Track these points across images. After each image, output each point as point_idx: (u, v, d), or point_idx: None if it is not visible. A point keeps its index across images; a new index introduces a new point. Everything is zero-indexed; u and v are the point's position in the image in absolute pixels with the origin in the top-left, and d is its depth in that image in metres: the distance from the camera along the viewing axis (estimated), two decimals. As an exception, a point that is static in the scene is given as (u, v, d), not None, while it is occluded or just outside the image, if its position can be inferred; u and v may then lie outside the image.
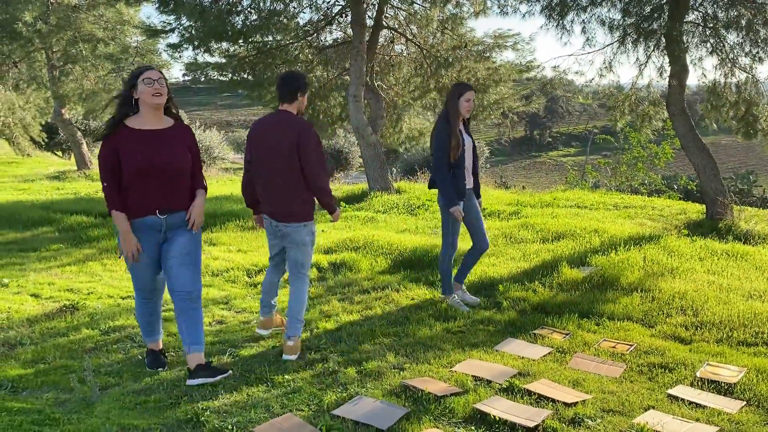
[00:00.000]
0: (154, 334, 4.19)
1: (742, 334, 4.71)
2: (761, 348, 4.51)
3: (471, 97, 5.19)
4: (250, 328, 5.00)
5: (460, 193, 5.22)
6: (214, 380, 3.82)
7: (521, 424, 3.33)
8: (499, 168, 60.74)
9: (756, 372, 4.03)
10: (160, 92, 3.71)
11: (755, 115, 8.67)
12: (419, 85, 13.28)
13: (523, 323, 5.08)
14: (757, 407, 3.64)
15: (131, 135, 3.72)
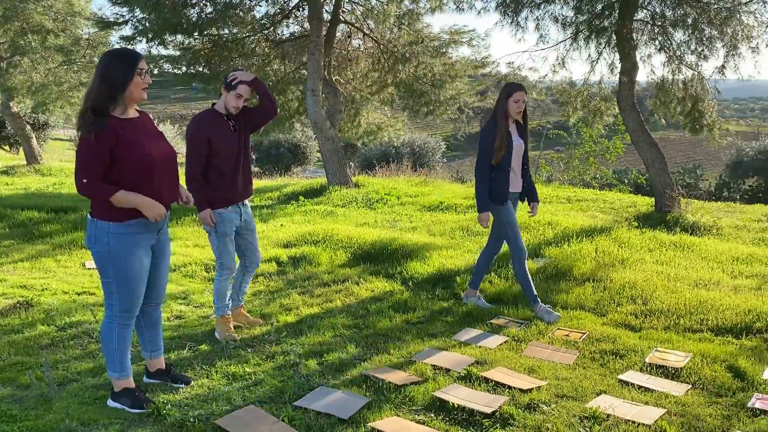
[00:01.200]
0: (128, 362, 3.55)
1: (689, 321, 4.91)
2: (706, 334, 4.71)
3: (521, 98, 4.92)
4: (209, 322, 4.99)
5: (500, 197, 5.04)
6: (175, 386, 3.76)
7: (479, 411, 3.42)
8: (456, 163, 61.12)
9: (701, 357, 4.21)
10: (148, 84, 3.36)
11: (701, 111, 8.99)
12: (377, 79, 13.33)
13: (481, 313, 5.19)
14: (701, 390, 3.81)
15: (128, 124, 3.27)
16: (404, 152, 25.81)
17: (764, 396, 3.66)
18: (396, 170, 15.31)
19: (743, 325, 4.77)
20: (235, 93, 4.37)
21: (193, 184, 4.37)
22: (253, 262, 4.82)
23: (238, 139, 4.46)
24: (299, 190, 12.12)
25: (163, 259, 3.58)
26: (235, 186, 4.49)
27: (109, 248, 3.27)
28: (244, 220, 4.64)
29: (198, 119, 4.43)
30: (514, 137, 5.04)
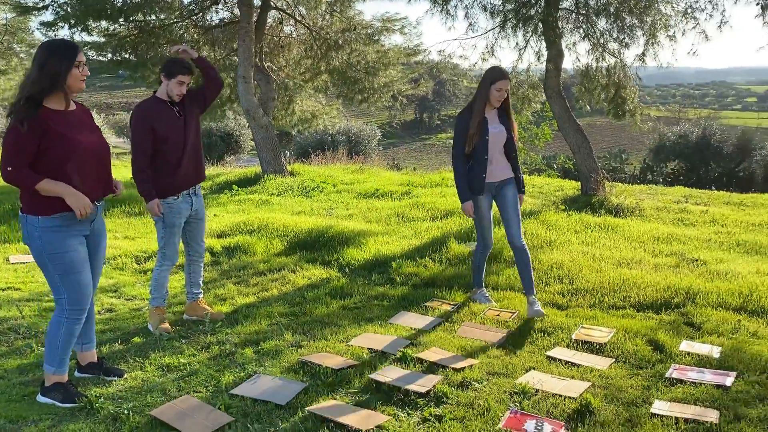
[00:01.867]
0: (68, 359, 3.50)
1: (612, 299, 5.15)
2: (629, 311, 4.95)
3: (503, 87, 4.64)
4: (142, 315, 4.91)
5: (474, 188, 4.83)
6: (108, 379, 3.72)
7: (414, 390, 3.51)
8: (391, 150, 61.58)
9: (624, 332, 4.43)
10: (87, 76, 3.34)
11: (623, 97, 9.36)
12: (310, 67, 13.26)
13: (415, 297, 5.29)
14: (624, 363, 4.01)
15: (61, 117, 3.24)
16: (340, 140, 25.79)
17: (681, 366, 3.89)
18: (332, 158, 15.29)
19: (663, 301, 5.03)
20: (176, 80, 4.29)
21: (139, 175, 4.31)
22: (196, 251, 4.78)
23: (185, 125, 4.40)
24: (233, 180, 11.96)
25: (98, 250, 3.55)
26: (185, 172, 4.44)
27: (42, 243, 3.25)
28: (195, 210, 4.60)
29: (140, 108, 4.35)
30: (492, 125, 4.76)
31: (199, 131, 4.55)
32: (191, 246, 4.75)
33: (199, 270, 4.84)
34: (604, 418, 3.25)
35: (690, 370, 3.82)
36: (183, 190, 4.47)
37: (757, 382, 3.64)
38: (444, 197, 9.33)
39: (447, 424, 3.20)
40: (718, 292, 5.07)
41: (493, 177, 4.86)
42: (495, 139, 4.78)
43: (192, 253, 4.78)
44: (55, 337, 3.38)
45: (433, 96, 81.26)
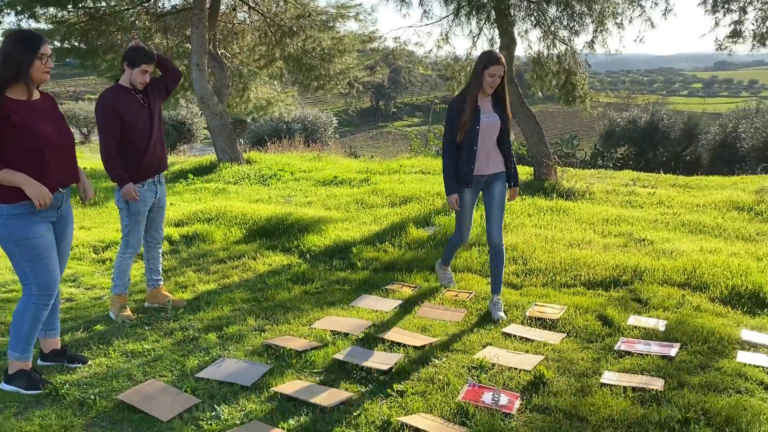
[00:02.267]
0: (32, 346, 3.51)
1: (564, 278, 5.35)
2: (579, 288, 5.16)
3: (497, 72, 4.30)
4: (102, 303, 4.90)
5: (460, 179, 4.51)
6: (72, 366, 3.73)
7: (376, 368, 3.63)
8: (348, 138, 61.51)
9: (575, 308, 4.63)
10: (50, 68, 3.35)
11: (573, 84, 9.61)
12: (264, 53, 13.18)
13: (376, 280, 5.40)
14: (575, 337, 4.21)
15: (24, 107, 3.26)
16: (296, 128, 25.64)
17: (629, 339, 4.10)
18: (288, 146, 15.25)
19: (611, 278, 5.25)
20: (139, 69, 4.30)
21: (110, 161, 4.32)
22: (155, 239, 4.80)
23: (150, 113, 4.42)
24: (188, 168, 11.86)
25: (64, 235, 3.57)
26: (150, 160, 4.46)
27: (9, 230, 3.27)
28: (158, 198, 4.63)
29: (106, 96, 4.32)
30: (484, 114, 4.41)
31: (161, 120, 4.58)
32: (150, 233, 4.76)
33: (158, 257, 4.87)
34: (556, 388, 3.43)
35: (637, 343, 4.03)
36: (148, 178, 4.49)
37: (699, 352, 3.87)
38: (402, 184, 9.46)
39: (409, 399, 3.32)
40: (664, 270, 5.32)
41: (482, 170, 4.52)
42: (486, 130, 4.43)
43: (150, 241, 4.80)
44: (21, 321, 3.39)
45: (389, 83, 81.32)
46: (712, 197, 8.52)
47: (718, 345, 3.96)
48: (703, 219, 7.33)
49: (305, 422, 3.08)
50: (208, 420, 3.11)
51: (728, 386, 3.42)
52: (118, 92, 4.35)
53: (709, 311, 4.57)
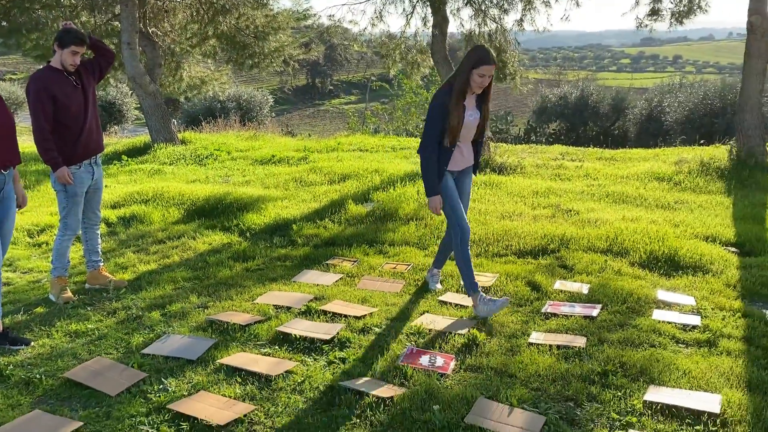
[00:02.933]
0: None
1: (496, 248, 5.61)
2: (510, 257, 5.43)
3: (487, 74, 3.96)
4: (41, 286, 4.88)
5: (439, 176, 4.18)
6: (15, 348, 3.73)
7: (319, 338, 3.78)
8: (285, 117, 60.83)
9: (506, 276, 4.89)
10: None
11: (504, 61, 9.89)
12: (197, 32, 12.96)
13: (317, 256, 5.54)
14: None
15: None
16: (230, 107, 25.25)
17: (555, 302, 4.38)
18: (224, 125, 15.08)
19: (540, 247, 5.55)
20: (69, 50, 4.25)
21: (44, 143, 4.27)
22: (92, 220, 4.80)
23: (84, 94, 4.39)
24: (121, 150, 11.63)
25: (7, 216, 3.59)
26: (87, 142, 4.44)
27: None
28: (95, 179, 4.61)
29: (38, 78, 4.26)
30: (468, 111, 4.15)
31: (95, 101, 4.55)
32: (87, 215, 4.75)
33: (96, 237, 4.87)
34: (488, 349, 3.67)
35: (562, 305, 4.32)
36: (84, 160, 4.47)
37: (618, 312, 4.18)
38: (341, 162, 9.57)
39: (350, 364, 3.50)
40: (588, 238, 5.65)
41: (456, 166, 4.28)
42: (468, 127, 4.19)
43: (88, 222, 4.79)
44: None
45: (324, 61, 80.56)
46: (635, 169, 8.99)
47: (635, 305, 4.29)
48: (626, 189, 7.75)
49: (251, 391, 3.22)
50: (156, 392, 3.21)
51: (643, 341, 3.73)
52: (50, 74, 4.30)
53: (629, 274, 4.92)
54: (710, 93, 23.83)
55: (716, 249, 5.47)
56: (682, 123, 24.20)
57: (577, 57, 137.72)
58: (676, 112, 24.68)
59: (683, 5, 9.11)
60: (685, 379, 3.27)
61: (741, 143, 8.80)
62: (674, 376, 3.31)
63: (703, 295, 4.52)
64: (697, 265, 5.08)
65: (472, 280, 4.16)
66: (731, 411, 2.96)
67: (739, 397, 3.07)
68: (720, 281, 4.80)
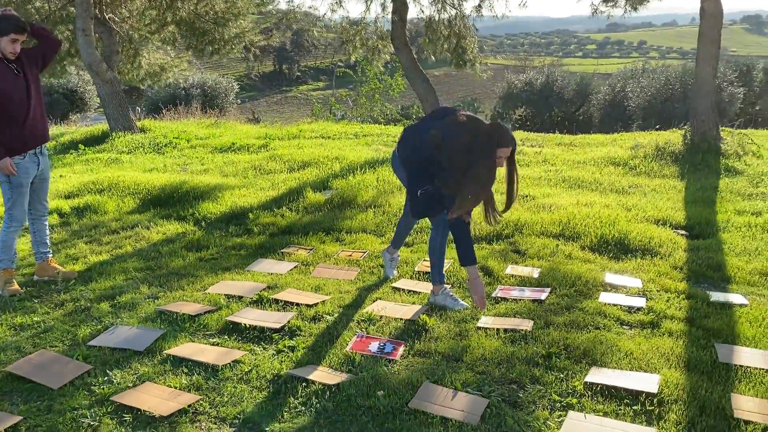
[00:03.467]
0: None
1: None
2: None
3: (504, 155, 3.79)
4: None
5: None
6: None
7: (269, 327, 3.78)
8: (251, 103, 60.18)
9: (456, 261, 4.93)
10: None
11: (464, 47, 9.92)
12: (155, 17, 12.72)
13: (272, 244, 5.51)
14: (458, 288, 4.50)
15: None
16: (195, 94, 24.90)
17: (505, 287, 4.44)
18: (185, 113, 14.87)
19: (495, 233, 5.61)
20: (8, 38, 4.14)
21: None
22: (39, 211, 4.70)
23: (26, 83, 4.28)
24: (79, 138, 11.41)
25: None
26: (31, 131, 4.35)
27: None
28: (41, 170, 4.52)
29: None
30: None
31: (40, 89, 4.45)
32: (34, 206, 4.66)
33: (44, 229, 4.78)
34: (438, 334, 3.70)
35: (512, 290, 4.38)
36: (29, 150, 4.38)
37: (566, 295, 4.26)
38: (301, 149, 9.52)
39: (299, 353, 3.50)
40: (542, 223, 5.73)
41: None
42: None
43: (35, 213, 4.70)
44: None
45: (292, 47, 79.78)
46: (593, 154, 9.11)
47: (583, 288, 4.37)
48: (582, 175, 7.86)
49: (197, 381, 3.20)
50: (100, 384, 3.17)
51: (588, 324, 3.80)
52: None
53: (579, 258, 5.00)
54: (672, 78, 24.23)
55: (666, 232, 5.59)
56: (644, 108, 24.58)
57: (543, 43, 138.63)
58: (639, 98, 25.06)
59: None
60: (626, 361, 3.34)
61: (695, 128, 8.97)
62: (616, 357, 3.38)
63: (650, 277, 4.62)
64: (646, 248, 5.19)
65: (442, 272, 4.22)
66: (668, 390, 3.04)
67: (677, 377, 3.16)
68: (667, 264, 4.91)
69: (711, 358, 3.36)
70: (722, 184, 7.44)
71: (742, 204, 6.60)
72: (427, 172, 3.98)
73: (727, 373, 3.22)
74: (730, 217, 6.06)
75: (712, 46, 8.72)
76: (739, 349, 3.48)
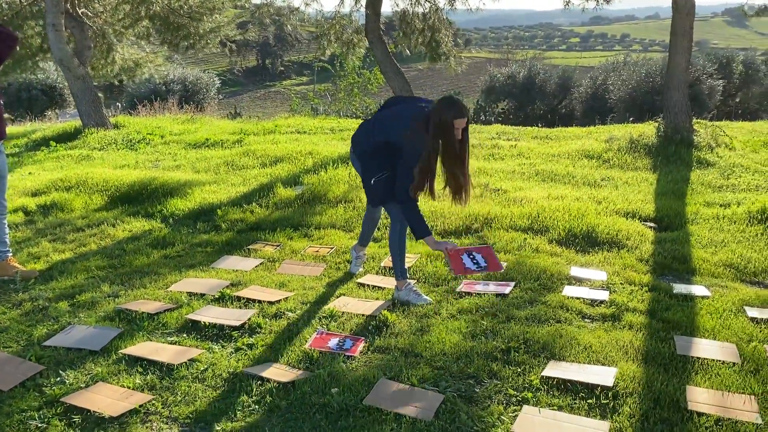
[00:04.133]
0: None
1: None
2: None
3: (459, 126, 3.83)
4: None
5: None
6: None
7: (228, 325, 3.73)
8: (234, 99, 59.84)
9: (426, 256, 4.91)
10: None
11: (438, 41, 9.89)
12: (129, 12, 12.57)
13: (239, 241, 5.46)
14: (424, 283, 4.48)
15: None
16: (176, 89, 24.68)
17: (469, 281, 4.42)
18: (161, 109, 14.72)
19: (464, 227, 5.59)
20: None
21: None
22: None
23: None
24: (50, 135, 11.26)
25: None
26: None
27: None
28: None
29: None
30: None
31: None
32: None
33: (2, 227, 4.69)
34: (399, 329, 3.68)
35: (477, 284, 4.36)
36: None
37: (530, 289, 4.25)
38: (276, 144, 9.45)
39: (258, 351, 3.46)
40: (511, 216, 5.71)
41: None
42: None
43: None
44: None
45: (275, 41, 79.39)
46: (567, 147, 9.12)
47: (548, 281, 4.36)
48: (556, 168, 7.86)
49: (151, 380, 3.16)
50: (51, 385, 3.12)
51: (550, 317, 3.79)
52: None
53: (546, 252, 4.99)
54: (652, 71, 24.34)
55: (634, 224, 5.59)
56: (625, 101, 24.68)
57: (527, 36, 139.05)
58: (620, 90, 25.15)
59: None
60: (584, 354, 3.34)
61: (668, 120, 9.01)
62: (575, 351, 3.37)
63: (615, 270, 4.62)
64: (614, 241, 5.20)
65: (404, 267, 4.20)
66: (624, 383, 3.04)
67: (634, 369, 3.16)
68: (633, 256, 4.92)
69: (669, 351, 3.37)
70: (693, 176, 7.48)
71: (712, 196, 6.64)
72: (380, 159, 4.04)
73: (684, 366, 3.23)
74: (698, 209, 6.09)
75: (684, 39, 8.75)
76: (698, 341, 3.49)
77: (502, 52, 65.14)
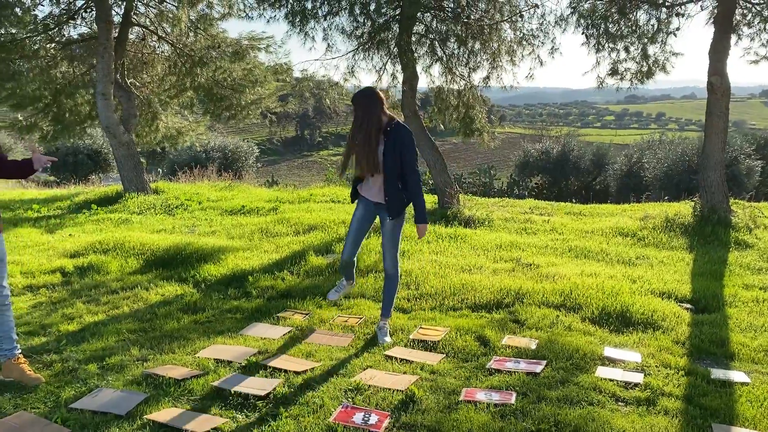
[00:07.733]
0: None
1: (452, 301, 5.58)
2: (464, 311, 5.40)
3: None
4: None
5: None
6: None
7: (253, 394, 3.70)
8: (273, 168, 61.23)
9: (456, 330, 4.84)
10: None
11: (472, 117, 10.06)
12: (175, 83, 13.12)
13: (269, 308, 5.47)
14: (453, 358, 4.41)
15: None
16: (215, 157, 25.39)
17: (501, 358, 4.33)
18: (200, 175, 15.11)
19: (495, 301, 5.52)
20: None
21: None
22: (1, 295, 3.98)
23: None
24: (92, 198, 11.60)
25: None
26: None
27: None
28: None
29: None
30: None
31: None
32: None
33: (7, 321, 3.99)
34: (425, 406, 3.60)
35: (507, 361, 4.27)
36: None
37: (562, 368, 4.14)
38: (310, 213, 9.58)
39: (282, 422, 3.41)
40: (544, 292, 5.64)
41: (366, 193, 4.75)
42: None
43: None
44: None
45: (314, 113, 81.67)
46: (601, 224, 9.05)
47: (581, 361, 4.25)
48: (589, 244, 7.78)
49: (173, 448, 3.12)
50: (74, 450, 3.11)
51: (582, 399, 3.68)
52: None
53: (579, 330, 4.89)
54: (688, 150, 24.26)
55: (670, 305, 5.46)
56: (660, 179, 24.55)
57: (561, 113, 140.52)
58: (655, 169, 25.06)
59: (643, 66, 9.35)
60: (618, 439, 3.21)
61: (705, 200, 8.91)
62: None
63: (650, 352, 4.49)
64: (649, 322, 5.07)
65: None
66: (659, 473, 2.90)
67: (670, 458, 3.02)
68: (669, 338, 4.78)
69: (708, 440, 3.22)
70: (731, 257, 7.32)
71: (750, 278, 6.47)
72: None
73: (723, 456, 3.08)
74: (737, 292, 5.93)
75: (720, 120, 8.75)
76: (737, 431, 3.34)
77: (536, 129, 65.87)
